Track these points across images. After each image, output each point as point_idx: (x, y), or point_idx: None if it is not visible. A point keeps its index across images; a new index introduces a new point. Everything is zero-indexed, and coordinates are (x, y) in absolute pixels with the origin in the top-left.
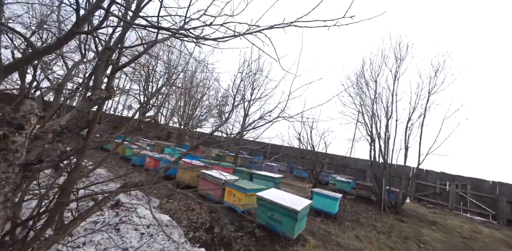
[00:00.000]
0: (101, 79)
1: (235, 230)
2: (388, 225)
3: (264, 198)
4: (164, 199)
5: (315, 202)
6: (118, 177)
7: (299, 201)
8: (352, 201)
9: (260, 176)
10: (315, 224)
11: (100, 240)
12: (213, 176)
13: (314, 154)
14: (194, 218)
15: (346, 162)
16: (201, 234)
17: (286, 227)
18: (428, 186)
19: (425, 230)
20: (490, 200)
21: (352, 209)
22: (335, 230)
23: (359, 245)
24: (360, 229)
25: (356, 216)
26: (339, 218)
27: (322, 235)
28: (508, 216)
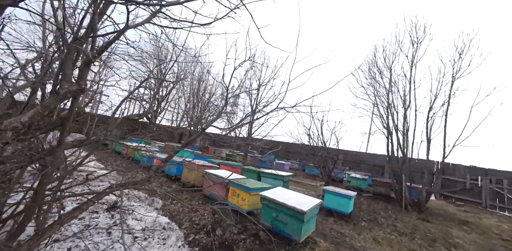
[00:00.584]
0: (70, 72)
1: (238, 232)
2: (411, 226)
3: (268, 198)
4: (168, 200)
5: (327, 201)
6: (94, 178)
7: (306, 200)
8: (369, 199)
9: (268, 174)
10: (327, 224)
11: (88, 245)
12: (216, 176)
13: (325, 150)
14: (196, 220)
15: (362, 158)
16: (202, 237)
17: (292, 229)
18: (456, 181)
19: (455, 231)
20: None
21: (369, 208)
22: (349, 232)
23: (377, 249)
24: (378, 230)
25: (374, 215)
26: (354, 218)
27: (334, 237)
28: None
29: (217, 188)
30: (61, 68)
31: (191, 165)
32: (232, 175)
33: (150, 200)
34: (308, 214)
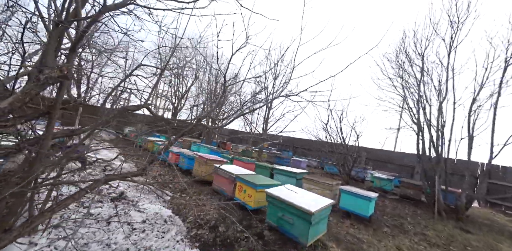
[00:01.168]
0: (52, 58)
1: (241, 230)
2: (446, 235)
3: (273, 195)
4: (177, 194)
5: (343, 201)
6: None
7: (317, 200)
8: (394, 202)
9: (281, 171)
10: (343, 228)
11: (85, 234)
12: (225, 171)
13: (344, 147)
14: (201, 214)
15: (389, 157)
16: (204, 232)
17: (298, 230)
18: (507, 187)
19: (506, 247)
20: None
21: (394, 212)
22: (368, 237)
23: None
24: (403, 237)
25: (399, 220)
26: (375, 222)
27: (349, 242)
28: None
29: (225, 183)
30: (43, 55)
31: (201, 159)
32: (242, 171)
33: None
34: (317, 215)
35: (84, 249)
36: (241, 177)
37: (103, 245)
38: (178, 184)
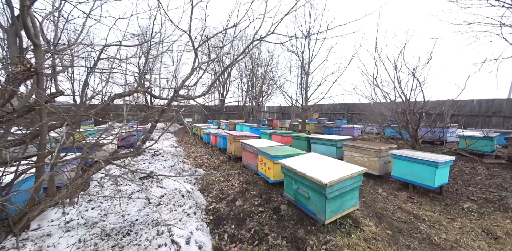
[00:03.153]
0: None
1: (258, 204)
2: None
3: (285, 166)
4: (210, 170)
5: (396, 169)
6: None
7: (340, 169)
8: (496, 168)
9: (318, 140)
10: (394, 202)
11: (106, 206)
12: (249, 145)
13: (406, 103)
14: (225, 189)
15: (493, 108)
16: (221, 206)
17: (315, 206)
18: None
19: None
20: None
21: (489, 181)
22: (432, 214)
23: (486, 249)
24: (502, 217)
25: (498, 193)
26: (449, 195)
27: (398, 220)
28: None
29: (251, 158)
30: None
31: (230, 137)
32: (268, 144)
33: (193, 170)
34: (335, 187)
35: (103, 218)
36: (261, 149)
37: (118, 215)
38: (214, 162)
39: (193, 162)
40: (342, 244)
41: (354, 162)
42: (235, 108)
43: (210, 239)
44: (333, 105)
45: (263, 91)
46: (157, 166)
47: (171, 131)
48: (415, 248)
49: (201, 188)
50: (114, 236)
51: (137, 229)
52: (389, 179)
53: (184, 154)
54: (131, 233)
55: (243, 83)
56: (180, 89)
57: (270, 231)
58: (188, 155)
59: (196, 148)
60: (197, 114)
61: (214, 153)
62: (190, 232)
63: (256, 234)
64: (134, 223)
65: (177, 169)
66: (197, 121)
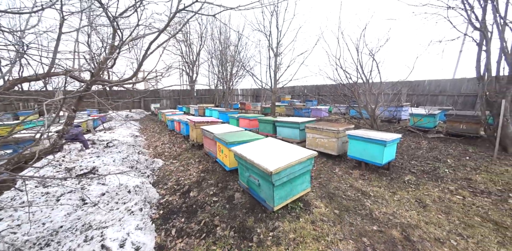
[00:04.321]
0: None
1: (214, 193)
2: (506, 179)
3: (237, 153)
4: (168, 161)
5: (351, 149)
6: None
7: (288, 155)
8: (437, 142)
9: (283, 123)
10: (348, 180)
11: (22, 215)
12: (208, 131)
13: (367, 84)
14: (182, 180)
15: (439, 88)
16: (175, 198)
17: (265, 193)
18: None
19: None
20: None
21: (429, 154)
22: (379, 190)
23: (415, 218)
24: (432, 187)
25: (433, 164)
26: (395, 170)
27: (348, 198)
28: None
29: (212, 145)
30: None
31: (191, 123)
32: (228, 129)
33: (150, 161)
34: (280, 173)
35: (15, 230)
36: (218, 136)
37: (38, 224)
38: (175, 151)
39: (152, 152)
40: (289, 229)
41: (315, 144)
42: (207, 92)
43: (154, 237)
44: (305, 86)
45: (233, 74)
46: (106, 160)
47: (135, 118)
48: (357, 224)
49: (156, 180)
50: (28, 250)
51: (60, 237)
52: (346, 159)
53: (144, 143)
54: (51, 244)
55: (213, 65)
56: (100, 71)
57: (220, 222)
58: (149, 145)
59: (160, 136)
60: (166, 99)
61: (177, 141)
62: (127, 233)
63: (205, 226)
64: (58, 231)
65: (130, 162)
66: (166, 107)
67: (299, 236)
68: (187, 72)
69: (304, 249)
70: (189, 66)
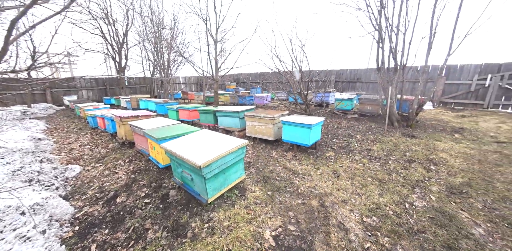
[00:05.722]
0: None
1: (146, 195)
2: (390, 146)
3: (166, 149)
4: (90, 165)
5: (285, 133)
6: None
7: (219, 146)
8: (353, 121)
9: (223, 113)
10: (282, 162)
11: None
12: (137, 127)
13: (299, 72)
14: (107, 185)
15: (357, 76)
16: (96, 209)
17: (198, 186)
18: (459, 85)
19: (443, 143)
20: None
21: (346, 132)
22: (306, 167)
23: (330, 187)
24: (345, 159)
25: (348, 140)
26: (320, 148)
27: (280, 179)
28: None
29: (144, 141)
30: None
31: (117, 119)
32: (162, 123)
33: (61, 169)
34: (211, 166)
35: None
36: (148, 132)
37: None
38: (99, 152)
39: (65, 158)
40: (224, 218)
41: (255, 131)
42: (142, 81)
43: None
44: (249, 74)
45: (171, 61)
46: None
47: (38, 115)
48: (285, 201)
49: (71, 191)
50: None
51: None
52: (282, 143)
53: (53, 148)
54: None
55: (146, 50)
56: None
57: (152, 224)
58: (60, 149)
59: (77, 136)
60: (86, 90)
61: (101, 141)
62: None
63: (134, 233)
64: None
65: (27, 174)
66: (87, 100)
67: (233, 222)
68: (113, 56)
69: (237, 233)
70: (114, 49)
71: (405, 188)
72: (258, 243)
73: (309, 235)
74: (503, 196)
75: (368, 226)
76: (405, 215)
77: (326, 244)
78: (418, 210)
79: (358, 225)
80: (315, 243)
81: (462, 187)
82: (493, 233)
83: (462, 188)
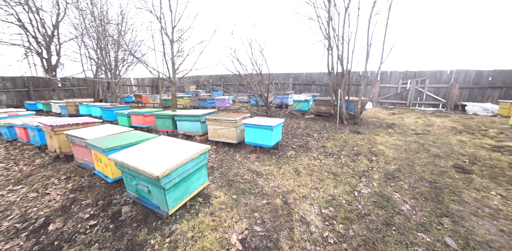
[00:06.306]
0: None
1: (91, 216)
2: (341, 142)
3: (117, 161)
4: (6, 188)
5: (247, 136)
6: None
7: (179, 154)
8: (310, 121)
9: (183, 117)
10: (246, 165)
11: None
12: (77, 137)
13: (259, 75)
14: (33, 211)
15: (312, 79)
16: (17, 243)
17: (157, 198)
18: (390, 87)
19: (380, 137)
20: (445, 89)
21: (304, 132)
22: (269, 168)
23: (292, 184)
24: (304, 157)
25: (306, 139)
26: (282, 148)
27: (245, 182)
28: (456, 102)
29: (86, 153)
30: None
31: (46, 128)
32: (109, 130)
33: None
34: (170, 175)
35: None
36: (91, 142)
37: None
38: (20, 171)
39: None
40: (187, 229)
41: (217, 135)
42: (82, 83)
43: None
44: (210, 76)
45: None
46: None
47: None
48: (250, 203)
49: None
50: None
51: None
52: (245, 146)
53: None
54: None
55: (86, 47)
56: None
57: (99, 249)
58: None
59: None
60: None
61: (24, 156)
62: None
63: None
64: None
65: None
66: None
67: (198, 232)
68: (38, 51)
69: (202, 243)
70: (40, 43)
71: (354, 178)
72: (225, 249)
73: (274, 233)
74: (420, 177)
75: (326, 216)
76: (355, 202)
77: (290, 239)
78: (364, 196)
79: (317, 217)
80: (280, 240)
81: (394, 172)
82: (415, 207)
83: (394, 174)
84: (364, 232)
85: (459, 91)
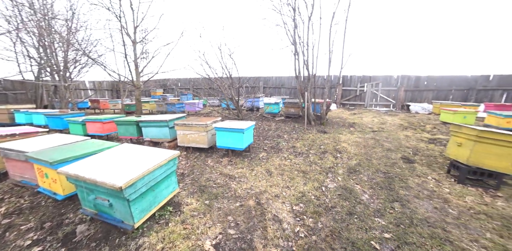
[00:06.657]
0: None
1: (34, 241)
2: (309, 142)
3: (69, 174)
4: None
5: (219, 139)
6: None
7: (144, 162)
8: (280, 123)
9: (149, 123)
10: (219, 169)
11: None
12: (13, 150)
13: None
14: None
15: (281, 82)
16: None
17: (120, 212)
18: (350, 90)
19: (343, 135)
20: (394, 92)
21: (275, 133)
22: (241, 170)
23: (264, 185)
24: (275, 157)
25: (277, 140)
26: (254, 150)
27: (217, 186)
28: (402, 102)
29: (27, 169)
30: None
31: None
32: (58, 140)
33: None
34: (136, 185)
35: None
36: (34, 155)
37: None
38: None
39: None
40: (156, 241)
41: (187, 140)
42: (20, 86)
43: None
44: (178, 80)
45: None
46: None
47: None
48: (224, 207)
49: None
50: None
51: None
52: (217, 150)
53: None
54: None
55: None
56: None
57: None
58: None
59: None
60: None
61: None
62: None
63: None
64: None
65: None
66: None
67: (169, 242)
68: None
69: None
70: None
71: (321, 175)
72: None
73: (248, 234)
74: (377, 169)
75: (297, 212)
76: (322, 197)
77: (264, 238)
78: (331, 191)
79: (289, 214)
80: (254, 240)
81: (356, 167)
82: (373, 195)
83: (356, 168)
84: (331, 223)
85: (404, 93)
